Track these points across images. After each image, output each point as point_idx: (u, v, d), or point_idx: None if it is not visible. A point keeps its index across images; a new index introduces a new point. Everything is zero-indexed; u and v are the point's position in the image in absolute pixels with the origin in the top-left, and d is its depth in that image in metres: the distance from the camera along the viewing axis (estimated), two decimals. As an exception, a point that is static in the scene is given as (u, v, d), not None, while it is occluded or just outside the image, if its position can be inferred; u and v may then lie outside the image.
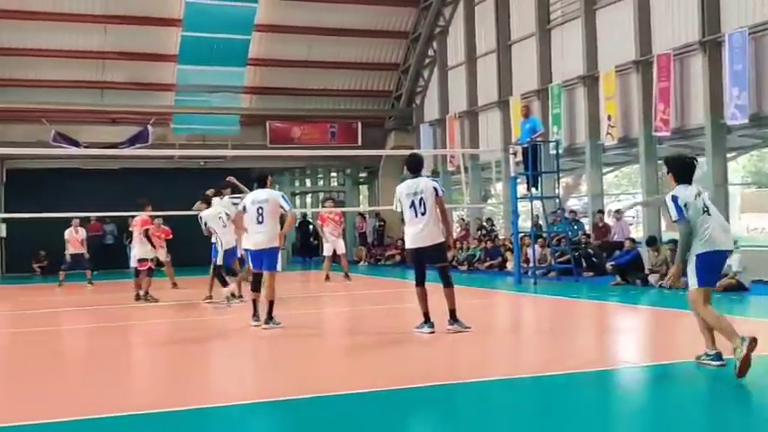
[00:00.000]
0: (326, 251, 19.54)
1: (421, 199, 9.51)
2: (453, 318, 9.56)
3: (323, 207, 22.08)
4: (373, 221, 29.86)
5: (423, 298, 9.64)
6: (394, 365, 8.05)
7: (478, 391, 6.74)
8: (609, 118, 20.23)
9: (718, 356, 7.10)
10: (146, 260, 15.48)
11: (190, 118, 28.15)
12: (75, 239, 20.97)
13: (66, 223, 21.05)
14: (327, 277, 18.91)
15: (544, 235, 19.75)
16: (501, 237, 23.51)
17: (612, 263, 17.22)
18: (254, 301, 10.97)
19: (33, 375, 7.92)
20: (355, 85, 30.18)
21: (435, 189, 9.61)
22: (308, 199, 34.51)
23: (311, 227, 31.66)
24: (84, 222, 22.66)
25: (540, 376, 7.23)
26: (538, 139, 18.19)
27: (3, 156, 25.96)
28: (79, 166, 27.12)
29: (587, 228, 21.11)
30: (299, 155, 27.36)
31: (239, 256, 13.72)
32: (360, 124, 29.86)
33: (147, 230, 15.58)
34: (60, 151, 25.01)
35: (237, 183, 14.76)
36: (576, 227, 20.60)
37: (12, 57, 26.01)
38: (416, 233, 9.54)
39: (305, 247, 31.15)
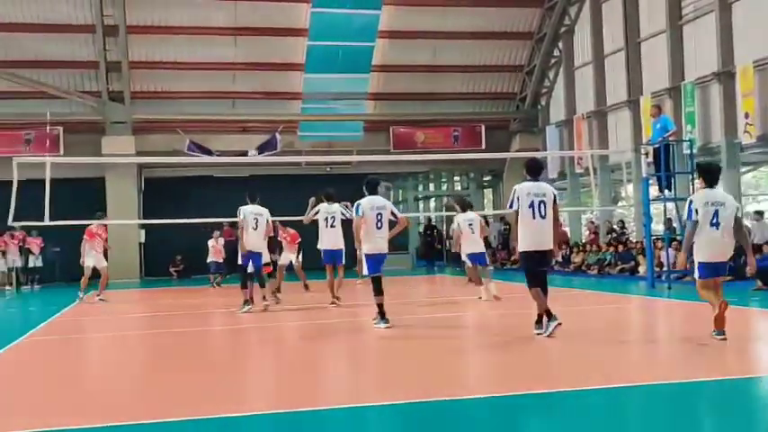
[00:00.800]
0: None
1: (542, 202, 9.41)
2: (549, 316, 9.45)
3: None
4: (498, 225, 29.60)
5: (540, 296, 9.52)
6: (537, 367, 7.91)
7: (608, 398, 6.54)
8: (746, 115, 19.42)
9: None
10: (268, 264, 15.92)
11: (316, 125, 28.75)
12: (216, 248, 21.76)
13: (202, 229, 21.78)
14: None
15: (678, 238, 19.04)
16: (632, 240, 22.86)
17: (752, 266, 16.39)
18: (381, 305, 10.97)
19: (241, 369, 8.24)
20: (479, 88, 30.04)
21: (555, 196, 9.61)
22: (432, 203, 34.55)
23: (435, 231, 31.70)
24: (217, 228, 23.41)
25: (675, 383, 6.97)
26: (670, 138, 17.56)
27: (141, 164, 27.17)
28: (212, 173, 28.09)
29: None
30: (422, 159, 27.39)
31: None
32: (483, 127, 29.68)
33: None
34: (195, 159, 25.94)
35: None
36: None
37: (149, 70, 27.35)
38: (537, 235, 9.42)
39: (429, 251, 31.18)
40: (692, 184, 18.57)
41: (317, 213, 14.60)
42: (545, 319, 9.54)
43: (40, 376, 8.41)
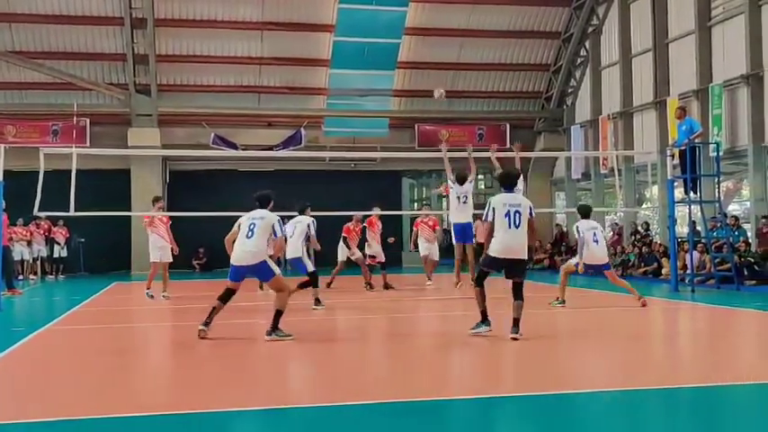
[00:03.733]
0: (422, 253, 18.88)
1: (517, 212, 9.68)
2: (516, 326, 9.50)
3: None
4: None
5: (483, 297, 9.78)
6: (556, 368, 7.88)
7: (627, 400, 6.50)
8: (774, 119, 19.17)
9: None
10: (374, 256, 17.59)
11: (341, 121, 28.73)
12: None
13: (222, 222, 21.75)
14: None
15: (703, 241, 18.87)
16: (657, 242, 22.69)
17: (778, 271, 16.28)
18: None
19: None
20: (505, 87, 29.94)
21: (530, 208, 9.84)
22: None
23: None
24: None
25: (698, 387, 6.93)
26: (696, 140, 17.40)
27: (167, 157, 27.33)
28: (236, 167, 28.19)
29: (749, 234, 20.04)
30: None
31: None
32: (508, 126, 29.56)
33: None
34: (220, 153, 26.05)
35: None
36: (737, 233, 19.57)
37: (175, 63, 27.50)
38: (510, 244, 9.63)
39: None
40: (718, 187, 18.46)
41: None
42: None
43: (58, 366, 8.46)
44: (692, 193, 17.40)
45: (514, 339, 9.29)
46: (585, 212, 13.80)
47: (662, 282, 19.23)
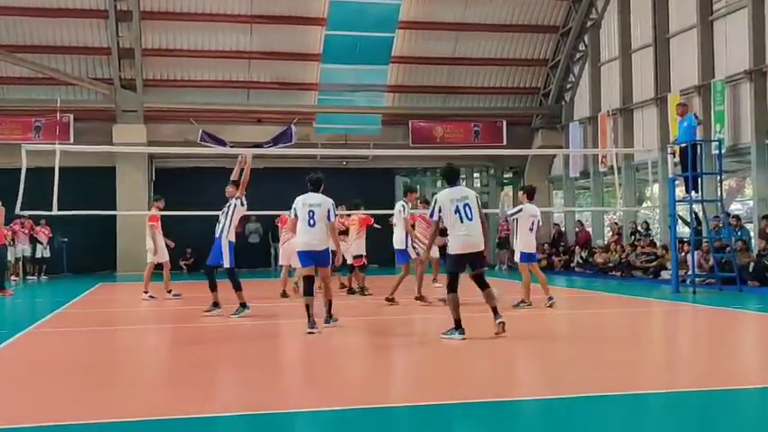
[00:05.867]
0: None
1: (466, 204, 9.60)
2: (497, 313, 9.60)
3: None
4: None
5: (458, 304, 9.52)
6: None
7: (624, 405, 6.21)
8: (777, 115, 18.59)
9: None
10: (361, 256, 16.25)
11: (332, 117, 28.10)
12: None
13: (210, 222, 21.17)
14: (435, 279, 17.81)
15: (704, 241, 18.29)
16: (657, 242, 22.12)
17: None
18: None
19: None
20: (501, 83, 29.30)
21: (477, 197, 9.81)
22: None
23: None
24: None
25: (696, 391, 6.68)
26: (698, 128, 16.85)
27: (153, 154, 26.68)
28: (225, 165, 27.45)
29: (752, 234, 19.46)
30: (441, 155, 26.61)
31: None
32: (505, 123, 28.93)
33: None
34: (207, 150, 25.45)
35: None
36: (740, 233, 18.98)
37: (161, 57, 26.85)
38: (466, 239, 9.55)
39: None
40: (720, 185, 17.86)
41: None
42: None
43: (40, 370, 8.14)
44: (693, 192, 16.84)
45: (503, 327, 9.37)
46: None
47: (663, 283, 18.69)
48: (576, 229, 27.06)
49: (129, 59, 26.08)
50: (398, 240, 14.48)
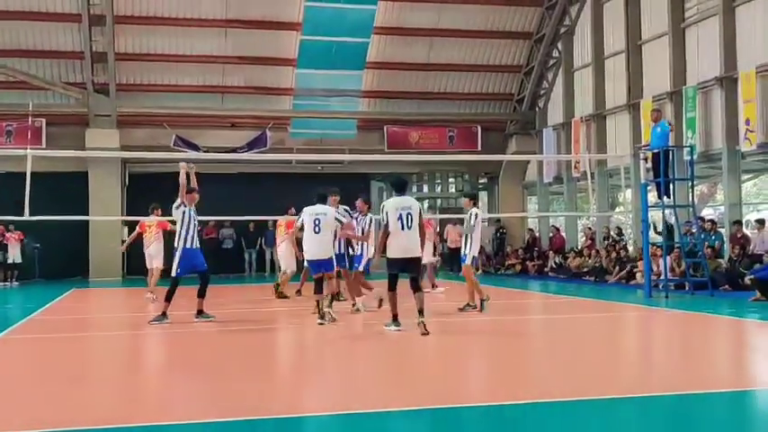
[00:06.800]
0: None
1: (408, 214, 10.55)
2: (422, 314, 10.42)
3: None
4: (492, 229, 28.92)
5: (396, 302, 10.65)
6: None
7: (599, 410, 6.22)
8: (747, 122, 18.88)
9: None
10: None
11: (308, 122, 28.05)
12: None
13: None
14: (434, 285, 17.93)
15: (676, 246, 18.44)
16: (629, 247, 22.27)
17: (751, 276, 15.82)
18: None
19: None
20: (476, 88, 29.42)
21: (420, 209, 10.75)
22: (426, 204, 33.82)
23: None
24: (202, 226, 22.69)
25: (670, 395, 6.66)
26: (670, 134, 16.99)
27: (126, 159, 26.46)
28: (198, 170, 27.27)
29: (725, 239, 19.65)
30: (416, 160, 26.74)
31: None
32: (480, 128, 29.09)
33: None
34: (181, 155, 25.15)
35: None
36: (714, 237, 19.17)
37: (135, 61, 26.67)
38: (404, 245, 10.52)
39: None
40: (692, 191, 18.03)
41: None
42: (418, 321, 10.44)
43: (9, 377, 8.08)
44: (665, 198, 16.99)
45: (424, 326, 10.12)
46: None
47: (635, 288, 18.80)
48: (551, 234, 27.20)
49: (103, 64, 25.86)
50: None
